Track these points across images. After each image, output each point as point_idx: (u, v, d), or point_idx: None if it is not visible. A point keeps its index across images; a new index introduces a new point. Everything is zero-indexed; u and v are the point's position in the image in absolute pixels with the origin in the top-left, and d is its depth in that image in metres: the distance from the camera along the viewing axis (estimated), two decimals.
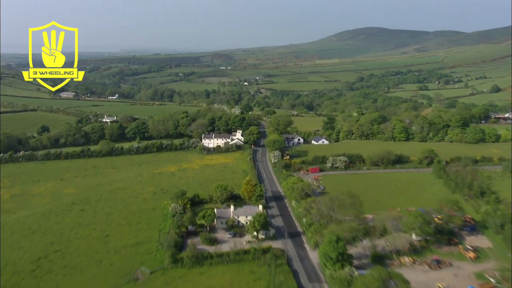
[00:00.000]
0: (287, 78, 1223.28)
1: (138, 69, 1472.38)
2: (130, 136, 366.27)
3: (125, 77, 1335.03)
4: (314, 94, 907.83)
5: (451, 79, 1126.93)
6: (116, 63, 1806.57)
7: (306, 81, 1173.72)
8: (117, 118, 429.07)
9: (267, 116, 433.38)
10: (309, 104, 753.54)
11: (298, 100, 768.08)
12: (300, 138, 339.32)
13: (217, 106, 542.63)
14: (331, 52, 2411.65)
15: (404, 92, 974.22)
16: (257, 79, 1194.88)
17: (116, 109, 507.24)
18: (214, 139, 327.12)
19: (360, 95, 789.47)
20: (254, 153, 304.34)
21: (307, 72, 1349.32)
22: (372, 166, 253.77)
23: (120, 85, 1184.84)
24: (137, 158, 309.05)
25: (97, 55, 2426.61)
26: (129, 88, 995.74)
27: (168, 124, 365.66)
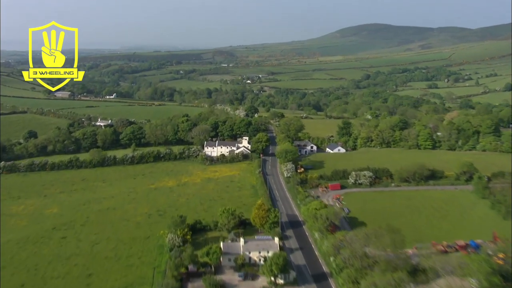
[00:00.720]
0: (291, 76, 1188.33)
1: (138, 67, 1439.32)
2: (125, 143, 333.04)
3: (125, 75, 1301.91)
4: (320, 93, 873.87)
5: (460, 77, 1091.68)
6: (116, 60, 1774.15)
7: (310, 79, 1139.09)
8: (112, 122, 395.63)
9: (274, 119, 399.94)
10: (315, 103, 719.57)
11: (304, 100, 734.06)
12: (313, 146, 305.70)
13: (220, 107, 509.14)
14: (334, 49, 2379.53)
15: (413, 91, 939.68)
16: (260, 76, 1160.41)
17: (112, 111, 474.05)
18: (218, 147, 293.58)
19: (369, 94, 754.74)
20: (263, 163, 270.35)
21: (311, 70, 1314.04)
22: (402, 183, 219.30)
23: (119, 83, 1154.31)
24: (131, 169, 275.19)
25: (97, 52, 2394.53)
26: (128, 87, 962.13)
27: (167, 129, 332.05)
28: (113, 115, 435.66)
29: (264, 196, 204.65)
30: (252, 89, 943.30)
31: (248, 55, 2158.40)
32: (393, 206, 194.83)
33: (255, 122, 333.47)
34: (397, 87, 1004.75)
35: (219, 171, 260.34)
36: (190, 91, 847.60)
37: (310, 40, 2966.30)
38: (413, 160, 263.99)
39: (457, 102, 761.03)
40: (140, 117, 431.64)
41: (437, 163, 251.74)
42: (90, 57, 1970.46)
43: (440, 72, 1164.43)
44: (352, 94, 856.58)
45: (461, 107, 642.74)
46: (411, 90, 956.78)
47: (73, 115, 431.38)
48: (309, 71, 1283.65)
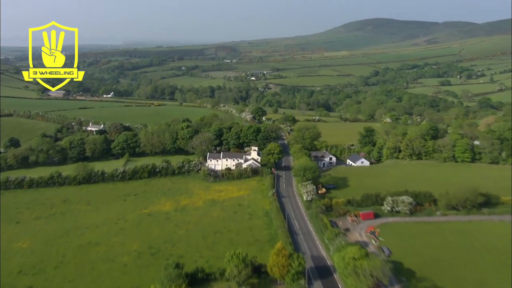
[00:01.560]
0: (297, 72, 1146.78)
1: (139, 63, 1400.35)
2: (117, 152, 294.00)
3: (125, 71, 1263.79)
4: (328, 91, 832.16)
5: (473, 73, 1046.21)
6: (116, 56, 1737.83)
7: (317, 76, 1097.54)
8: (105, 127, 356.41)
9: (285, 124, 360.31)
10: (324, 102, 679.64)
11: (313, 98, 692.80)
12: (332, 157, 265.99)
13: (224, 109, 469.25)
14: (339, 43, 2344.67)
15: (425, 88, 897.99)
16: (264, 73, 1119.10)
17: (107, 113, 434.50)
18: (223, 159, 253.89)
19: (381, 93, 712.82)
20: (276, 181, 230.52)
21: (317, 66, 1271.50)
22: (449, 211, 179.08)
23: (119, 80, 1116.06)
24: (122, 187, 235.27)
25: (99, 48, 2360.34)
26: (128, 84, 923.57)
27: (165, 137, 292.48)
28: (106, 118, 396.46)
29: (281, 230, 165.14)
30: (256, 87, 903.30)
31: (251, 51, 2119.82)
32: (445, 246, 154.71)
33: (265, 128, 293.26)
34: (408, 84, 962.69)
35: (225, 191, 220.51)
36: (192, 89, 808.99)
37: (314, 35, 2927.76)
38: (453, 177, 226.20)
39: (474, 100, 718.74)
40: (137, 120, 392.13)
41: (481, 180, 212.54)
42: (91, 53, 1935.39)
43: (451, 68, 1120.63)
44: (363, 92, 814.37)
45: (481, 107, 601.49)
46: (422, 87, 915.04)
47: (63, 118, 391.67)
48: (315, 67, 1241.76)
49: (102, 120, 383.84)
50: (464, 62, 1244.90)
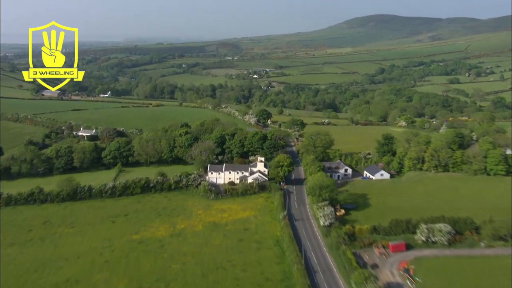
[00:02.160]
0: (300, 70, 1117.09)
1: (138, 60, 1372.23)
2: (109, 162, 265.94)
3: (124, 69, 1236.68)
4: (334, 89, 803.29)
5: (482, 71, 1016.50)
6: (116, 53, 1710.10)
7: (321, 73, 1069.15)
8: (96, 132, 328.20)
9: (293, 128, 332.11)
10: (331, 102, 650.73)
11: (318, 98, 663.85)
12: (348, 168, 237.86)
13: (226, 110, 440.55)
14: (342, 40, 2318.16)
15: (434, 86, 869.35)
16: (267, 71, 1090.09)
17: (101, 115, 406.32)
18: (226, 172, 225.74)
19: (390, 92, 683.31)
20: (287, 199, 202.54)
21: (321, 63, 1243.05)
22: (495, 242, 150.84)
23: (118, 78, 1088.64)
24: (111, 205, 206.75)
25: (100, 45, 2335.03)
26: (127, 83, 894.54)
27: (161, 145, 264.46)
28: (99, 121, 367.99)
29: (297, 267, 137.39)
30: (259, 85, 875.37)
31: (253, 47, 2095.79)
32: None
33: (272, 135, 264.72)
34: (415, 82, 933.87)
35: (228, 211, 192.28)
36: (193, 87, 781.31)
37: (316, 32, 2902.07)
38: (488, 193, 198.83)
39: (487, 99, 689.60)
40: (132, 123, 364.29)
41: None
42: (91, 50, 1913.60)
43: (459, 66, 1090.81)
44: (370, 91, 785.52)
45: (495, 107, 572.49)
46: (431, 85, 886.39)
47: (53, 122, 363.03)
48: (318, 65, 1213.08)
49: (95, 123, 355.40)
50: (471, 59, 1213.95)
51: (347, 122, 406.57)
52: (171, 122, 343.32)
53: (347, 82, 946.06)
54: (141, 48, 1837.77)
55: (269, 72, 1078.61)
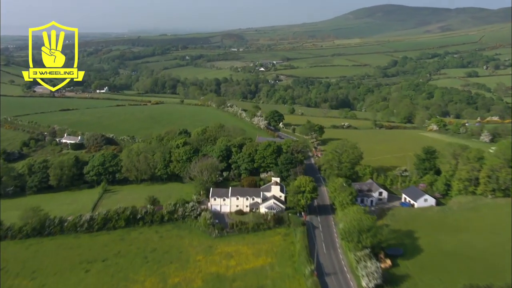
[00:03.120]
0: (309, 62, 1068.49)
1: (141, 52, 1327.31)
2: (91, 179, 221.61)
3: (126, 62, 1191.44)
4: (346, 83, 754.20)
5: (500, 63, 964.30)
6: (119, 45, 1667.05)
7: (331, 66, 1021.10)
8: (82, 138, 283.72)
9: (310, 134, 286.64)
10: (344, 98, 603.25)
11: (330, 93, 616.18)
12: (382, 191, 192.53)
13: (232, 110, 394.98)
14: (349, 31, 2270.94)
15: (451, 80, 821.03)
16: (274, 63, 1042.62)
17: (91, 116, 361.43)
18: (232, 197, 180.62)
19: (408, 88, 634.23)
20: (312, 238, 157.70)
21: (330, 55, 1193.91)
22: None
23: (118, 71, 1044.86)
24: (87, 243, 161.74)
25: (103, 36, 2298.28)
26: (127, 76, 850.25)
27: (154, 159, 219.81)
28: (89, 125, 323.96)
29: None
30: (266, 79, 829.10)
31: (258, 38, 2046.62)
32: None
33: (288, 148, 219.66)
34: (430, 75, 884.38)
35: (236, 256, 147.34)
36: (196, 82, 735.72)
37: (322, 22, 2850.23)
38: None
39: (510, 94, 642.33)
40: (126, 127, 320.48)
41: None
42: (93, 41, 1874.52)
43: (475, 58, 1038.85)
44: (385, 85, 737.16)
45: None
46: (447, 79, 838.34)
47: (35, 126, 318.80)
48: (327, 56, 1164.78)
49: (83, 128, 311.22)
50: (487, 51, 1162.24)
51: (369, 125, 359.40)
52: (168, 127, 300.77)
53: (358, 75, 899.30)
54: (144, 40, 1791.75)
55: (276, 64, 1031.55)
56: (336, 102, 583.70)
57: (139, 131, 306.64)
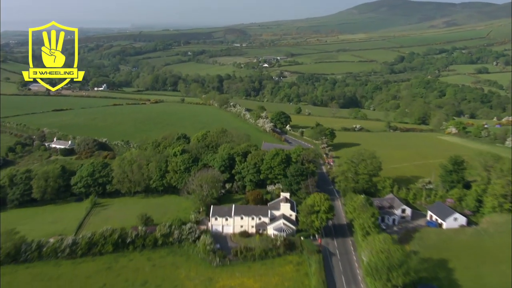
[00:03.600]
0: (313, 58, 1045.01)
1: (142, 48, 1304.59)
2: (79, 191, 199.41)
3: (127, 57, 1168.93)
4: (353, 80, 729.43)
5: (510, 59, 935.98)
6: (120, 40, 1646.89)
7: (336, 62, 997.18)
8: (73, 143, 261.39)
9: (320, 139, 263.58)
10: (352, 95, 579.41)
11: (337, 91, 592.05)
12: (405, 208, 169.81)
13: (235, 111, 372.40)
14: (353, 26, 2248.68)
15: (460, 76, 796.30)
16: (278, 59, 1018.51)
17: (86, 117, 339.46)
18: (236, 217, 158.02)
19: (418, 85, 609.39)
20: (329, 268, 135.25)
21: (335, 50, 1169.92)
22: None
23: (119, 67, 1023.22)
24: (67, 274, 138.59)
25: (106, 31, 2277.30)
26: (127, 73, 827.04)
27: (149, 169, 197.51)
28: (81, 127, 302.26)
29: None
30: (270, 75, 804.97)
31: (261, 34, 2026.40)
32: None
33: (297, 156, 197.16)
34: (439, 71, 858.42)
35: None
36: (198, 78, 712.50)
37: (326, 17, 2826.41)
38: None
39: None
40: (121, 130, 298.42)
41: None
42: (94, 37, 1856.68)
43: (484, 53, 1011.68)
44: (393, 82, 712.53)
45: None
46: (457, 75, 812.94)
47: (24, 129, 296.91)
48: (332, 52, 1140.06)
49: (75, 130, 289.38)
50: (495, 46, 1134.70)
51: (381, 127, 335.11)
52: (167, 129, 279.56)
53: (365, 72, 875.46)
54: (146, 35, 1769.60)
55: (280, 60, 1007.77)
56: (343, 100, 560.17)
57: (135, 134, 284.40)
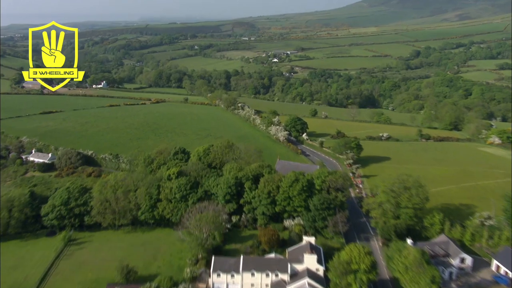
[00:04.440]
0: (325, 52, 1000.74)
1: (148, 41, 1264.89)
2: (50, 224, 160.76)
3: (131, 51, 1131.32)
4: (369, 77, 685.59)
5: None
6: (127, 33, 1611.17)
7: (349, 56, 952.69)
8: (53, 157, 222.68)
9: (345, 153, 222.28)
10: (369, 94, 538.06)
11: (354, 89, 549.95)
12: (465, 257, 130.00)
13: (243, 114, 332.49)
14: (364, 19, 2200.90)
15: (481, 73, 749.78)
16: (288, 53, 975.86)
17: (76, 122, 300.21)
18: (244, 272, 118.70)
19: (441, 83, 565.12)
20: None
21: (347, 44, 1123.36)
22: None
23: (122, 62, 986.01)
24: None
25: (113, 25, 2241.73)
26: (130, 68, 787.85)
27: (137, 196, 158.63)
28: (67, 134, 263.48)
29: None
30: (280, 71, 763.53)
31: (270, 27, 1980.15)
32: None
33: (322, 183, 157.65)
34: (458, 67, 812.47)
35: None
36: (204, 74, 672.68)
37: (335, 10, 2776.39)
38: None
39: None
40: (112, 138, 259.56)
41: None
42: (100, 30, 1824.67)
43: (505, 48, 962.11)
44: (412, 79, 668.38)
45: None
46: (477, 72, 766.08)
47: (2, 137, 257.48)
48: (344, 46, 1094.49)
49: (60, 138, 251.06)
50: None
51: (411, 134, 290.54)
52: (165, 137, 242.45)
53: (380, 67, 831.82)
54: (153, 28, 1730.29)
55: (290, 55, 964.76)
56: (360, 99, 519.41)
57: (128, 143, 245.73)
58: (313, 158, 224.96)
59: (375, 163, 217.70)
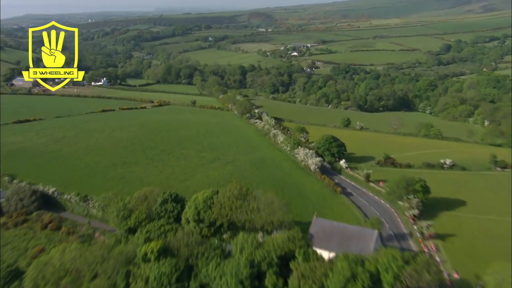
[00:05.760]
0: (348, 46, 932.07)
1: (160, 32, 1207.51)
2: None
3: (142, 43, 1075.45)
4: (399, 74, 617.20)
5: None
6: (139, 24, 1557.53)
7: (374, 50, 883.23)
8: (3, 195, 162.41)
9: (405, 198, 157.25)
10: (403, 95, 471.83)
11: (386, 90, 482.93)
12: None
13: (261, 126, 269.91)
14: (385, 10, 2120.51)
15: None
16: (308, 46, 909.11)
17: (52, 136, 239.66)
18: None
19: (487, 83, 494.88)
20: None
21: (371, 37, 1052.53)
22: None
23: (132, 54, 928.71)
24: None
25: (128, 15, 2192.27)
26: (138, 62, 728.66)
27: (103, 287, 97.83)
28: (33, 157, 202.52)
29: None
30: (301, 66, 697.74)
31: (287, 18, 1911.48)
32: None
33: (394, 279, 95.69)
34: (496, 64, 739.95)
35: None
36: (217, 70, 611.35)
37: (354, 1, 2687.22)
38: None
39: None
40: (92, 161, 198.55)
41: None
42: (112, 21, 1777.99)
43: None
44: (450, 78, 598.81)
45: None
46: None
47: None
48: (368, 39, 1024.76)
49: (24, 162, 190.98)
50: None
51: (480, 159, 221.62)
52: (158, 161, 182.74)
53: (408, 62, 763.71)
54: (167, 19, 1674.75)
55: (310, 48, 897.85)
56: (393, 100, 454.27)
57: (109, 172, 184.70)
58: (359, 200, 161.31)
59: (445, 211, 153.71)
